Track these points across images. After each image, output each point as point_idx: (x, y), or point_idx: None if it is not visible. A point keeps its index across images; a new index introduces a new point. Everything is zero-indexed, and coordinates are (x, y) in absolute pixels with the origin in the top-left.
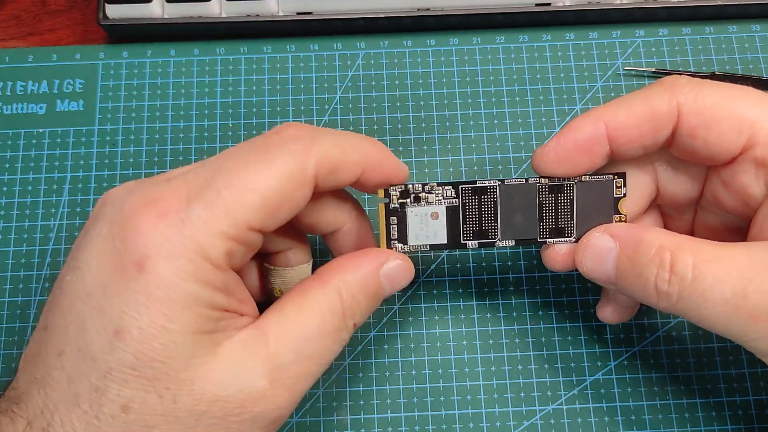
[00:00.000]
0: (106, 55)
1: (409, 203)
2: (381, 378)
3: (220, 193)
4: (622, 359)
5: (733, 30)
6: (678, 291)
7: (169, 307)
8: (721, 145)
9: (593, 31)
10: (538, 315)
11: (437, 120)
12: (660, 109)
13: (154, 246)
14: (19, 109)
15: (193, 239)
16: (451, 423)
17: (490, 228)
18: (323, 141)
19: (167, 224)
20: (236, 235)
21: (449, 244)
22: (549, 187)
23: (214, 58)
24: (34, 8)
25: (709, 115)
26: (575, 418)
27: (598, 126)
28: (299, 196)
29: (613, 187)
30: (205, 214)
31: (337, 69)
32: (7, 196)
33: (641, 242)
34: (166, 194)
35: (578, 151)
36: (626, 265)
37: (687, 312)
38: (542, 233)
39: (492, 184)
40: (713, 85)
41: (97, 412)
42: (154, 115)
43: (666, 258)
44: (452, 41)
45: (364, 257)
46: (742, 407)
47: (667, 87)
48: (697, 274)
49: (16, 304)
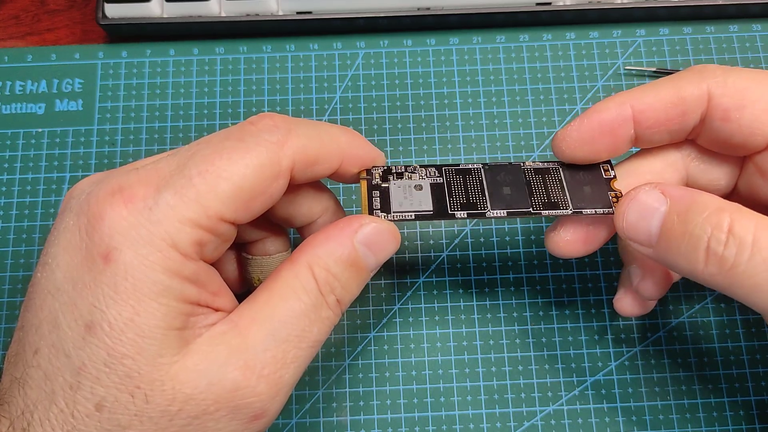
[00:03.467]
0: (105, 55)
1: (392, 179)
2: (381, 378)
3: (192, 180)
4: (623, 359)
5: (734, 29)
6: (735, 255)
7: (137, 299)
8: (756, 126)
9: (594, 30)
10: (538, 315)
11: (437, 120)
12: (689, 92)
13: (120, 235)
14: (19, 108)
15: (160, 226)
16: (451, 424)
17: (479, 200)
18: (299, 133)
19: (133, 212)
20: (207, 224)
21: (435, 214)
22: (534, 170)
23: (214, 57)
24: (33, 8)
25: (742, 97)
26: (576, 418)
27: (624, 108)
28: (274, 189)
29: (600, 170)
30: (174, 200)
31: (336, 69)
32: (6, 196)
33: (696, 201)
34: (133, 183)
35: (602, 132)
36: (675, 222)
37: (740, 280)
38: (535, 206)
39: (476, 167)
40: (742, 69)
41: (72, 410)
42: (153, 114)
43: (724, 219)
44: (452, 41)
45: (333, 228)
46: (744, 407)
47: (696, 71)
48: (757, 239)
49: (15, 305)
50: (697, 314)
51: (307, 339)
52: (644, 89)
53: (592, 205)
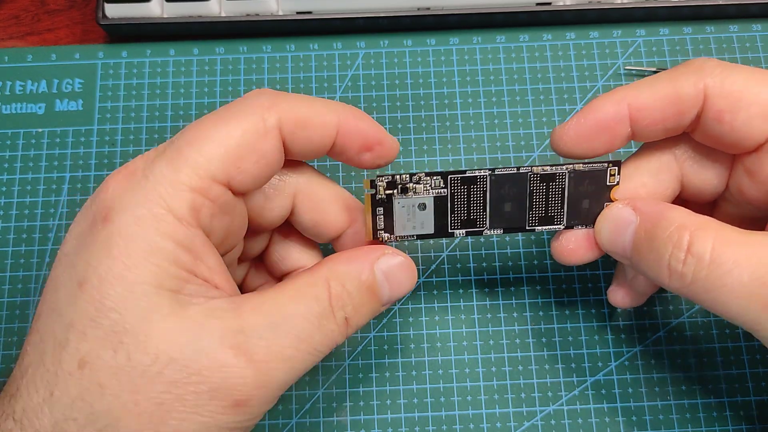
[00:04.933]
0: (105, 55)
1: (396, 194)
2: (381, 378)
3: (181, 148)
4: (623, 359)
5: (734, 29)
6: (693, 272)
7: (129, 256)
8: (747, 130)
9: (594, 30)
10: (538, 315)
11: (437, 120)
12: (686, 91)
13: (118, 199)
14: (18, 108)
15: (154, 191)
16: (451, 424)
17: (479, 217)
18: (288, 97)
19: (132, 180)
20: (200, 186)
21: (436, 234)
22: (541, 176)
23: (214, 57)
24: (33, 8)
25: (737, 99)
26: (576, 418)
27: (621, 106)
28: (265, 148)
29: (606, 175)
30: (167, 167)
31: (336, 69)
32: (6, 196)
33: (662, 218)
34: (136, 159)
35: (599, 130)
36: (642, 239)
37: (700, 295)
38: (531, 222)
39: (482, 174)
40: (743, 68)
41: (57, 369)
42: (153, 114)
43: (684, 237)
44: (452, 41)
45: (357, 251)
46: (744, 407)
47: (694, 69)
48: (715, 256)
49: (15, 305)
50: (697, 314)
51: (306, 343)
52: (641, 86)
53: (584, 221)
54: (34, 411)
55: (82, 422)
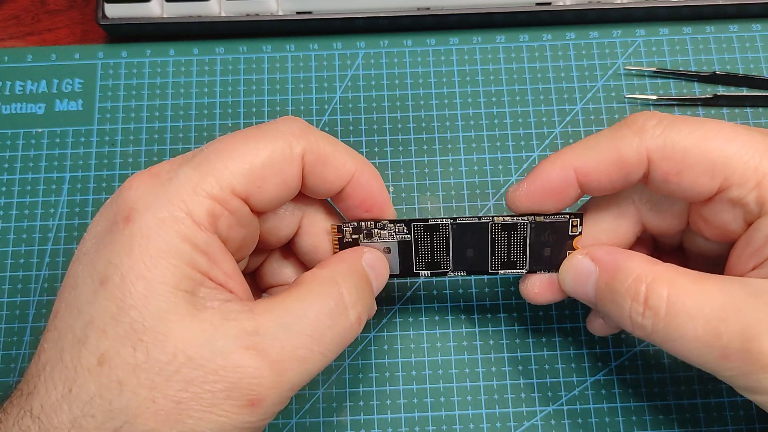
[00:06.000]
0: (105, 55)
1: (361, 238)
2: (381, 378)
3: (209, 157)
4: (623, 359)
5: (734, 29)
6: (652, 324)
7: (150, 256)
8: (695, 188)
9: (594, 30)
10: (539, 315)
11: (437, 120)
12: (629, 156)
13: (141, 200)
14: (18, 108)
15: (177, 195)
16: (451, 424)
17: (442, 260)
18: (317, 132)
19: (156, 183)
20: (220, 195)
21: (402, 274)
22: (502, 225)
23: (214, 57)
24: (33, 8)
25: (681, 161)
26: (576, 418)
27: (567, 171)
28: (287, 173)
29: (568, 226)
30: (192, 173)
31: (336, 69)
32: (6, 196)
33: (620, 270)
34: (161, 164)
35: (548, 194)
36: (604, 291)
37: (661, 344)
38: (494, 266)
39: (444, 222)
40: (684, 124)
41: (76, 365)
42: (153, 114)
43: (641, 290)
44: (452, 41)
45: (344, 252)
46: (743, 407)
47: (635, 131)
48: (670, 308)
49: (15, 305)
50: None
51: (319, 343)
52: (585, 150)
53: (546, 267)
54: (53, 408)
55: (100, 419)
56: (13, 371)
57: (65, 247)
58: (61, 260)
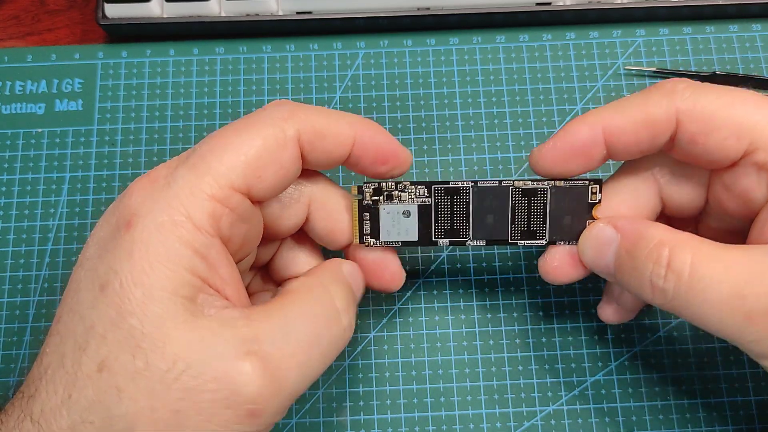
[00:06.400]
0: (105, 55)
1: (381, 200)
2: (381, 378)
3: (203, 156)
4: (623, 359)
5: (734, 29)
6: (674, 288)
7: (149, 262)
8: (721, 151)
9: (594, 30)
10: (538, 315)
11: (437, 120)
12: (659, 116)
13: (141, 205)
14: (18, 108)
15: (176, 199)
16: (451, 424)
17: (462, 227)
18: (307, 109)
19: (155, 187)
20: (220, 195)
21: (420, 241)
22: (523, 190)
23: (214, 57)
24: (33, 8)
25: (709, 122)
26: (576, 418)
27: (595, 130)
28: (284, 158)
29: (588, 192)
30: (189, 175)
31: (336, 69)
32: (6, 196)
33: (642, 236)
34: (159, 168)
35: (574, 154)
36: (624, 258)
37: (682, 310)
38: (513, 235)
39: (465, 186)
40: (712, 89)
41: (76, 370)
42: (153, 114)
43: (663, 254)
44: (452, 41)
45: (326, 263)
46: (744, 407)
47: (665, 93)
48: (694, 271)
49: (15, 305)
50: None
51: (318, 347)
52: (614, 110)
53: (566, 237)
54: (53, 412)
55: (99, 425)
56: (13, 371)
57: (65, 247)
58: (61, 260)
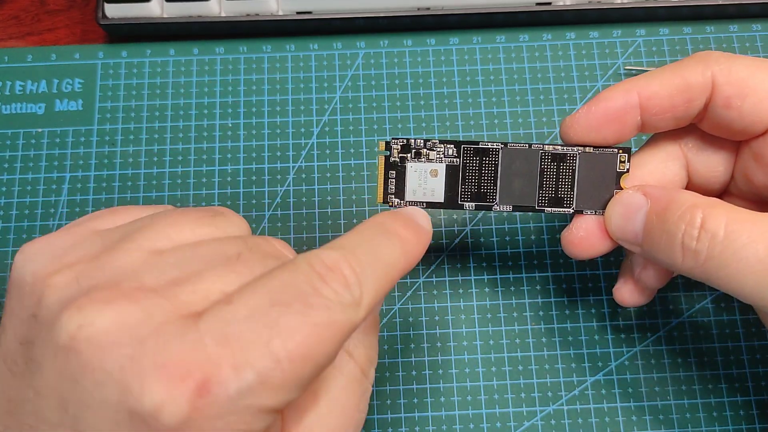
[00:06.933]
0: (105, 55)
1: (409, 158)
2: (381, 378)
3: (281, 363)
4: (623, 359)
5: (734, 29)
6: (708, 248)
7: None
8: (756, 115)
9: (594, 30)
10: (538, 315)
11: (437, 120)
12: (695, 80)
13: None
14: (18, 108)
15: (239, 415)
16: (451, 424)
17: (489, 191)
18: (370, 276)
19: (210, 400)
20: (281, 407)
21: (446, 204)
22: (552, 155)
23: (214, 57)
24: (33, 8)
25: (744, 85)
26: (576, 418)
27: (631, 95)
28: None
29: (616, 161)
30: (257, 387)
31: (336, 68)
32: (6, 196)
33: (673, 200)
34: (200, 358)
35: (609, 120)
36: (654, 222)
37: (715, 272)
38: (541, 201)
39: (494, 147)
40: (746, 57)
41: None
42: (153, 114)
43: (697, 215)
44: (452, 41)
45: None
46: (744, 407)
47: (700, 59)
48: (729, 232)
49: None
50: (697, 314)
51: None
52: (650, 77)
53: (593, 206)
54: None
55: None
56: None
57: None
58: None
